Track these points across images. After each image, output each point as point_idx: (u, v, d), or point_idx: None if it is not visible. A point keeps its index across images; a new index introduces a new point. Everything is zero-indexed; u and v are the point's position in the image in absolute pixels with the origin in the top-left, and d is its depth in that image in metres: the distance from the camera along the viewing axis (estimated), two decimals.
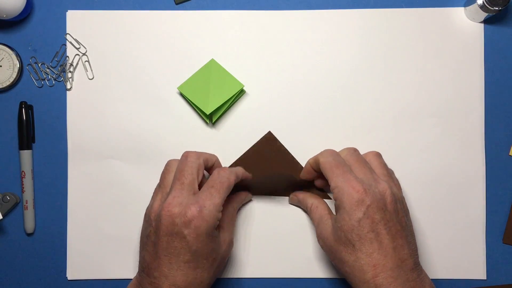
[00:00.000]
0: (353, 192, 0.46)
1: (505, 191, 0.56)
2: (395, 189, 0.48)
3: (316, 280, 0.56)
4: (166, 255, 0.46)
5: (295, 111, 0.57)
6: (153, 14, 0.57)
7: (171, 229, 0.45)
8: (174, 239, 0.45)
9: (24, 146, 0.57)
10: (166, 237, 0.46)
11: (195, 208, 0.45)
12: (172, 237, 0.45)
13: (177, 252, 0.45)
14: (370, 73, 0.57)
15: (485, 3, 0.53)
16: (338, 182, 0.47)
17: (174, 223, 0.45)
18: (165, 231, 0.46)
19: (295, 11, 0.57)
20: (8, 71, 0.57)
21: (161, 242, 0.46)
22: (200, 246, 0.46)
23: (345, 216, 0.46)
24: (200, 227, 0.45)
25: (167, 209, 0.46)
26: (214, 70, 0.56)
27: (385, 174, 0.50)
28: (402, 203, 0.48)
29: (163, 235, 0.46)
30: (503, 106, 0.57)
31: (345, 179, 0.47)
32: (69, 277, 0.57)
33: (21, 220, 0.57)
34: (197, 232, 0.45)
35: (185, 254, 0.45)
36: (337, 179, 0.47)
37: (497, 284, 0.56)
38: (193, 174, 0.48)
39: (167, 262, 0.46)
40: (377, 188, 0.46)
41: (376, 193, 0.46)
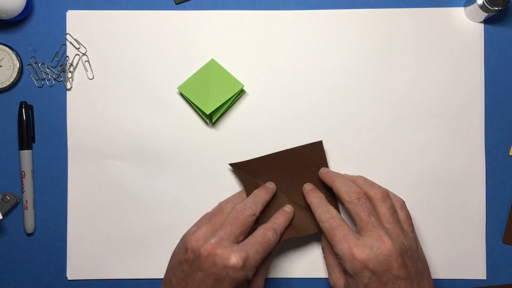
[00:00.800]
0: (355, 260, 0.46)
1: (505, 191, 0.56)
2: (402, 242, 0.47)
3: (317, 280, 0.56)
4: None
5: (295, 111, 0.57)
6: (153, 14, 0.57)
7: (209, 267, 0.45)
8: (209, 278, 0.45)
9: (24, 146, 0.57)
10: (201, 273, 0.46)
11: (241, 256, 0.45)
12: (208, 275, 0.45)
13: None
14: (370, 73, 0.57)
15: (485, 3, 0.53)
16: (339, 250, 0.47)
17: (214, 263, 0.45)
18: (202, 267, 0.45)
19: (295, 11, 0.57)
20: (8, 71, 0.57)
21: (194, 276, 0.46)
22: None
23: (352, 281, 0.46)
24: (239, 277, 0.46)
25: (212, 248, 0.46)
26: (214, 70, 0.56)
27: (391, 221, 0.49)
28: (411, 250, 0.47)
29: (198, 270, 0.46)
30: (503, 106, 0.57)
31: (346, 246, 0.47)
32: (69, 277, 0.57)
33: (21, 220, 0.57)
34: (234, 280, 0.45)
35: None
36: (338, 246, 0.47)
37: (497, 284, 0.56)
38: (244, 228, 0.49)
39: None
40: (380, 249, 0.46)
41: (379, 256, 0.45)
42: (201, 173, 0.57)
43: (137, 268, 0.56)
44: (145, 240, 0.57)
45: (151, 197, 0.57)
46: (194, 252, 0.46)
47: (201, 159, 0.57)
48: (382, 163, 0.56)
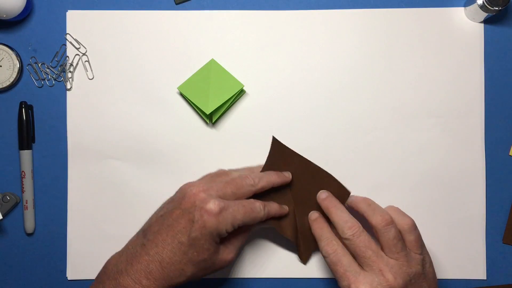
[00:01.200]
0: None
1: (505, 191, 0.56)
2: (405, 272, 0.46)
3: (317, 280, 0.56)
4: (168, 225, 0.46)
5: (295, 111, 0.57)
6: (153, 14, 0.57)
7: (187, 206, 0.46)
8: (183, 217, 0.46)
9: (24, 146, 0.57)
10: (178, 211, 0.47)
11: (219, 205, 0.46)
12: (183, 214, 0.46)
13: (178, 229, 0.46)
14: (370, 73, 0.57)
15: (485, 3, 0.53)
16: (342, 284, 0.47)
17: (193, 203, 0.46)
18: (181, 206, 0.47)
19: (295, 11, 0.57)
20: (8, 71, 0.57)
21: (171, 213, 0.47)
22: (199, 237, 0.46)
23: None
24: (210, 222, 0.45)
25: (197, 190, 0.47)
26: (214, 70, 0.56)
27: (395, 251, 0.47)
28: (416, 276, 0.47)
29: (178, 208, 0.47)
30: (503, 106, 0.57)
31: (346, 283, 0.46)
32: (69, 277, 0.57)
33: (21, 220, 0.57)
34: (204, 224, 0.45)
35: (183, 235, 0.46)
36: (339, 282, 0.47)
37: (497, 284, 0.56)
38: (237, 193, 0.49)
39: (165, 233, 0.46)
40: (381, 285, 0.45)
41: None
42: (201, 173, 0.57)
43: None
44: None
45: (151, 197, 0.57)
46: (181, 192, 0.48)
47: (201, 159, 0.57)
48: (382, 163, 0.56)
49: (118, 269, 0.46)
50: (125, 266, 0.46)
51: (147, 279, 0.45)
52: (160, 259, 0.46)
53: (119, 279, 0.45)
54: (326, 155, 0.56)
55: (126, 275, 0.45)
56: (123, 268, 0.46)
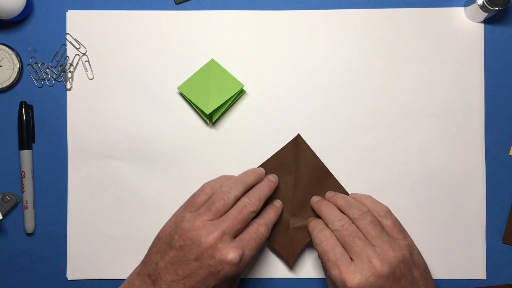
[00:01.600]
0: (345, 286, 0.46)
1: (505, 191, 0.56)
2: (391, 258, 0.46)
3: (317, 280, 0.56)
4: (185, 277, 0.45)
5: (295, 111, 0.57)
6: (153, 14, 0.57)
7: (207, 259, 0.45)
8: (203, 270, 0.45)
9: (24, 146, 0.57)
10: (196, 263, 0.45)
11: (238, 253, 0.46)
12: (203, 266, 0.45)
13: (197, 280, 0.45)
14: (370, 73, 0.57)
15: (485, 3, 0.53)
16: (332, 275, 0.47)
17: (213, 256, 0.45)
18: (199, 258, 0.45)
19: (295, 11, 0.57)
20: (8, 71, 0.57)
21: (187, 264, 0.45)
22: (220, 285, 0.46)
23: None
24: (233, 273, 0.46)
25: (211, 239, 0.45)
26: (214, 70, 0.56)
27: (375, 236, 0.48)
28: (404, 262, 0.47)
29: (195, 259, 0.45)
30: (503, 106, 0.57)
31: (337, 272, 0.46)
32: (69, 277, 0.57)
33: (21, 220, 0.57)
34: (227, 275, 0.46)
35: (202, 285, 0.45)
36: (330, 271, 0.47)
37: (497, 284, 0.56)
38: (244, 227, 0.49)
39: (181, 284, 0.45)
40: (371, 272, 0.45)
41: (370, 279, 0.45)
42: (201, 173, 0.57)
43: None
44: (145, 240, 0.56)
45: (151, 197, 0.57)
46: (193, 241, 0.46)
47: (201, 159, 0.57)
48: (382, 163, 0.56)
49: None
50: None
51: None
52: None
53: None
54: (326, 155, 0.56)
55: None
56: None
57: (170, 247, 0.47)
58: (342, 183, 0.56)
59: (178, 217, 0.48)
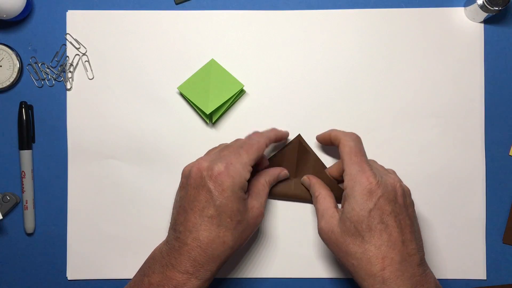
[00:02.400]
0: (365, 182, 0.46)
1: (505, 191, 0.56)
2: (404, 184, 0.49)
3: (317, 280, 0.56)
4: (191, 208, 0.46)
5: (295, 111, 0.57)
6: (153, 14, 0.57)
7: (199, 182, 0.46)
8: (200, 192, 0.46)
9: (24, 146, 0.57)
10: (193, 190, 0.46)
11: (222, 164, 0.46)
12: (198, 190, 0.46)
13: (202, 206, 0.46)
14: (370, 73, 0.57)
15: (485, 3, 0.53)
16: (353, 170, 0.47)
17: (201, 176, 0.46)
18: (192, 185, 0.47)
19: (295, 11, 0.57)
20: (8, 71, 0.57)
21: (188, 196, 0.47)
22: (225, 202, 0.46)
23: (355, 206, 0.46)
24: (225, 182, 0.46)
25: (198, 163, 0.47)
26: (214, 70, 0.56)
27: (390, 171, 0.51)
28: (410, 197, 0.49)
29: (191, 188, 0.47)
30: (503, 106, 0.57)
31: (360, 168, 0.47)
32: (69, 277, 0.57)
33: (21, 220, 0.57)
34: (222, 186, 0.46)
35: (209, 209, 0.46)
36: (352, 166, 0.48)
37: (497, 284, 0.56)
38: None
39: (192, 216, 0.46)
40: (388, 181, 0.47)
41: (388, 185, 0.46)
42: None
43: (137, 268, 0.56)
44: (144, 240, 0.57)
45: (151, 197, 0.57)
46: (186, 176, 0.48)
47: None
48: (382, 163, 0.56)
49: (162, 263, 0.46)
50: (169, 260, 0.46)
51: (193, 266, 0.45)
52: (199, 243, 0.45)
53: (165, 272, 0.45)
54: (326, 154, 0.56)
55: (172, 268, 0.45)
56: (167, 262, 0.46)
57: (178, 193, 0.49)
58: None
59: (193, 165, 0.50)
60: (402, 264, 0.44)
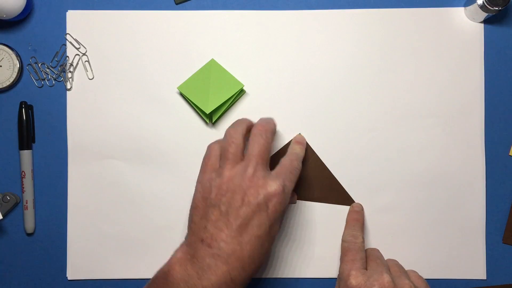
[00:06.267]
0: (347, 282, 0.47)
1: (505, 191, 0.56)
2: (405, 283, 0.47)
3: (317, 280, 0.56)
4: (240, 226, 0.43)
5: (295, 111, 0.57)
6: (153, 14, 0.57)
7: (253, 199, 0.44)
8: (254, 210, 0.44)
9: (24, 146, 0.57)
10: (244, 208, 0.44)
11: (280, 183, 0.45)
12: (252, 208, 0.44)
13: (253, 225, 0.44)
14: (370, 73, 0.57)
15: (485, 3, 0.53)
16: (341, 268, 0.49)
17: (257, 193, 0.44)
18: (245, 201, 0.44)
19: (295, 11, 0.57)
20: (8, 71, 0.57)
21: (237, 212, 0.44)
22: (274, 223, 0.45)
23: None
24: (281, 203, 0.45)
25: (251, 180, 0.44)
26: (214, 70, 0.56)
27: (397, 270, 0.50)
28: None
29: (241, 205, 0.44)
30: (503, 106, 0.57)
31: (349, 266, 0.48)
32: (69, 277, 0.57)
33: (21, 220, 0.57)
34: (276, 207, 0.44)
35: (260, 229, 0.44)
36: (342, 264, 0.49)
37: (497, 284, 0.56)
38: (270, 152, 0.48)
39: (238, 234, 0.43)
40: (377, 281, 0.46)
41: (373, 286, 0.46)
42: None
43: (137, 268, 0.56)
44: (145, 240, 0.57)
45: (151, 197, 0.57)
46: (231, 190, 0.44)
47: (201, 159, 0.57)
48: (382, 163, 0.56)
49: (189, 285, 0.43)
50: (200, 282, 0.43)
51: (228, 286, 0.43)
52: (242, 264, 0.43)
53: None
54: (326, 154, 0.56)
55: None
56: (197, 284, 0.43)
57: (212, 208, 0.45)
58: (342, 183, 0.56)
59: (203, 182, 0.47)
60: None
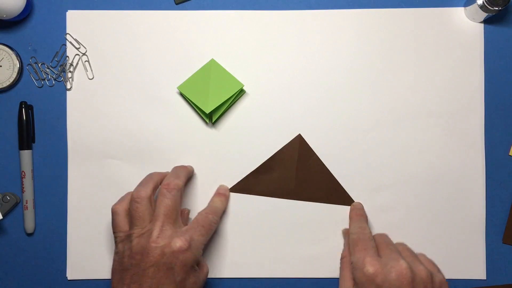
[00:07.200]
0: (364, 270, 0.46)
1: (505, 191, 0.56)
2: (418, 270, 0.47)
3: (317, 280, 0.56)
4: (150, 286, 0.45)
5: (295, 111, 0.57)
6: (153, 14, 0.57)
7: (159, 259, 0.46)
8: (160, 269, 0.45)
9: (24, 146, 0.57)
10: (152, 268, 0.45)
11: (186, 239, 0.46)
12: (159, 267, 0.45)
13: (162, 283, 0.45)
14: (370, 73, 0.57)
15: (485, 3, 0.53)
16: (354, 258, 0.49)
17: (163, 253, 0.46)
18: (152, 263, 0.45)
19: (295, 11, 0.57)
20: (8, 71, 0.57)
21: (146, 274, 0.45)
22: (185, 277, 0.46)
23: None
24: (188, 259, 0.46)
25: (155, 242, 0.46)
26: (214, 70, 0.56)
27: (409, 255, 0.50)
28: (425, 283, 0.46)
29: (149, 266, 0.45)
30: (503, 106, 0.57)
31: (362, 255, 0.48)
32: (69, 277, 0.57)
33: (21, 220, 0.57)
34: (184, 263, 0.46)
35: (169, 285, 0.46)
36: (355, 255, 0.49)
37: (497, 284, 0.56)
38: (178, 209, 0.49)
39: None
40: (394, 268, 0.46)
41: (391, 274, 0.46)
42: (201, 173, 0.57)
43: None
44: None
45: None
46: (140, 252, 0.46)
47: (201, 159, 0.57)
48: (382, 163, 0.56)
49: None
50: None
51: None
52: None
53: None
54: (326, 154, 0.56)
55: None
56: None
57: (125, 271, 0.47)
58: (342, 183, 0.56)
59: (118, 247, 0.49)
60: None
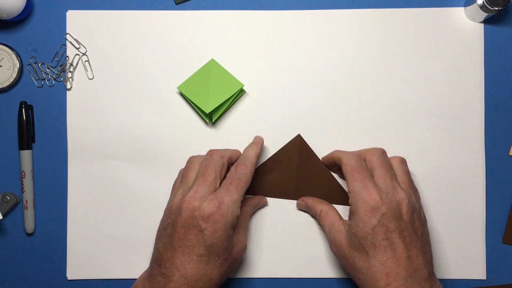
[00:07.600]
0: (369, 199, 0.46)
1: (505, 191, 0.56)
2: (413, 199, 0.48)
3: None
4: (180, 246, 0.46)
5: (295, 111, 0.57)
6: (153, 14, 0.57)
7: (190, 221, 0.46)
8: (191, 232, 0.46)
9: (24, 146, 0.57)
10: (183, 229, 0.46)
11: (214, 203, 0.46)
12: (189, 229, 0.46)
13: (192, 245, 0.46)
14: (370, 73, 0.57)
15: (485, 3, 0.53)
16: (356, 187, 0.47)
17: (193, 216, 0.46)
18: (183, 223, 0.46)
19: (295, 11, 0.57)
20: (8, 71, 0.57)
21: (177, 234, 0.46)
22: (215, 242, 0.46)
23: (359, 223, 0.46)
24: (218, 222, 0.46)
25: (188, 202, 0.47)
26: (214, 70, 0.56)
27: (406, 182, 0.50)
28: (419, 213, 0.48)
29: (181, 227, 0.46)
30: (503, 106, 0.57)
31: (362, 185, 0.47)
32: (69, 277, 0.57)
33: (21, 220, 0.57)
34: (214, 227, 0.46)
35: (199, 248, 0.46)
36: (354, 184, 0.48)
37: (497, 284, 0.56)
38: (216, 172, 0.49)
39: (180, 254, 0.46)
40: (394, 197, 0.46)
41: (393, 202, 0.46)
42: None
43: (137, 268, 0.56)
44: (145, 240, 0.57)
45: (151, 197, 0.57)
46: (175, 214, 0.47)
47: None
48: None
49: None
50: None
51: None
52: (186, 280, 0.45)
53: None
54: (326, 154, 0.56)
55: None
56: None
57: (163, 230, 0.48)
58: (342, 183, 0.56)
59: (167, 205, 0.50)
60: (407, 280, 0.44)
